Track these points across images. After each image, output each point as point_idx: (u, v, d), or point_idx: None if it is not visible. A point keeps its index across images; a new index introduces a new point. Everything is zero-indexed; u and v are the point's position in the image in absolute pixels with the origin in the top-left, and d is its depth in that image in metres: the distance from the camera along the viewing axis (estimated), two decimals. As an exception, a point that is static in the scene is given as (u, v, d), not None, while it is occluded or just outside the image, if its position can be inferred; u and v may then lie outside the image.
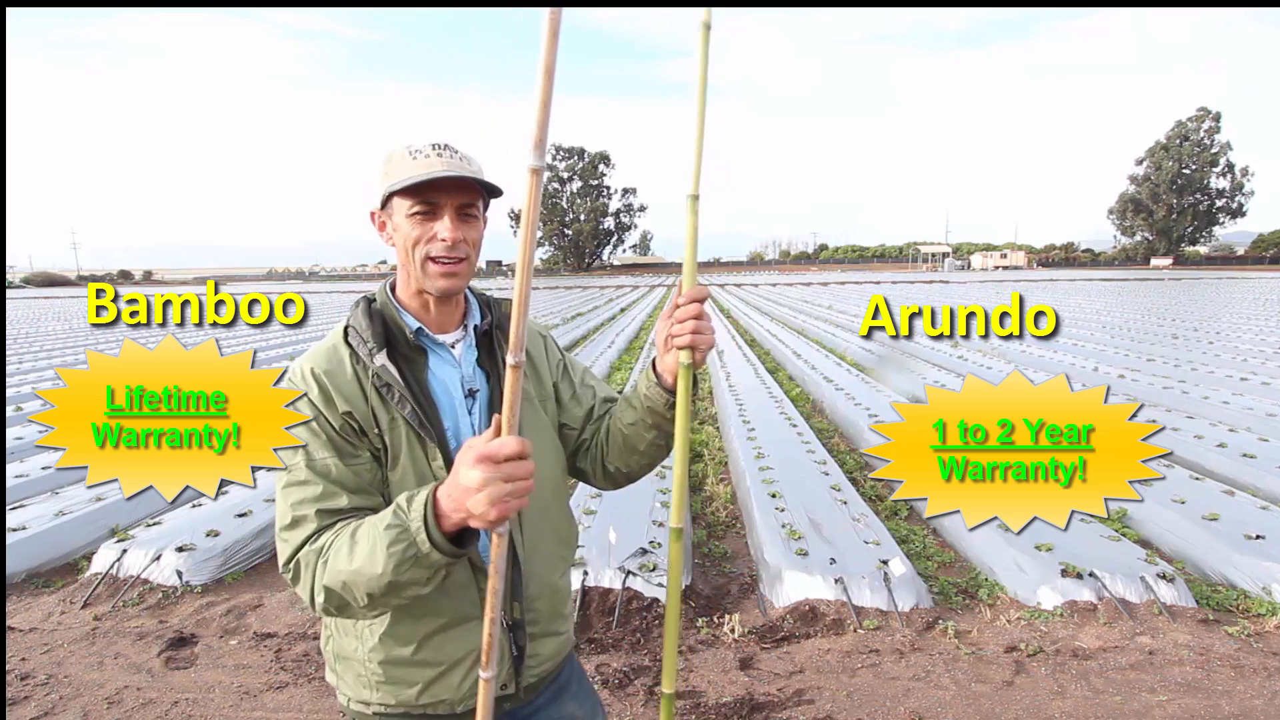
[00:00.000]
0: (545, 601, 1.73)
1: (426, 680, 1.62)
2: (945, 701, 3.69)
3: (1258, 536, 5.10)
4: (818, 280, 64.41)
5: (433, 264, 1.57)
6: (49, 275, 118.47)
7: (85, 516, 5.84)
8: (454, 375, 1.67)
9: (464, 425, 1.64)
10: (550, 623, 1.75)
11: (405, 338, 1.63)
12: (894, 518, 6.24)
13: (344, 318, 1.69)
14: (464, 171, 1.55)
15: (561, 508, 1.80)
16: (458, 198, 1.57)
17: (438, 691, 1.63)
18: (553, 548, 1.76)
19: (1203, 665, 3.93)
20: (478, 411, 1.66)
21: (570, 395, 1.86)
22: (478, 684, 1.53)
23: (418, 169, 1.53)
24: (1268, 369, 12.64)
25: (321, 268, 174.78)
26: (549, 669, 1.77)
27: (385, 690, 1.64)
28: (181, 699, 3.80)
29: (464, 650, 1.62)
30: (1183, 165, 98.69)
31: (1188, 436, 7.93)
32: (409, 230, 1.57)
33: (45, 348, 19.59)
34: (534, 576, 1.69)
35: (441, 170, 1.53)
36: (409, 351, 1.64)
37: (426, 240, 1.57)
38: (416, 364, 1.64)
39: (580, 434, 1.85)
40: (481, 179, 1.58)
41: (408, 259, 1.60)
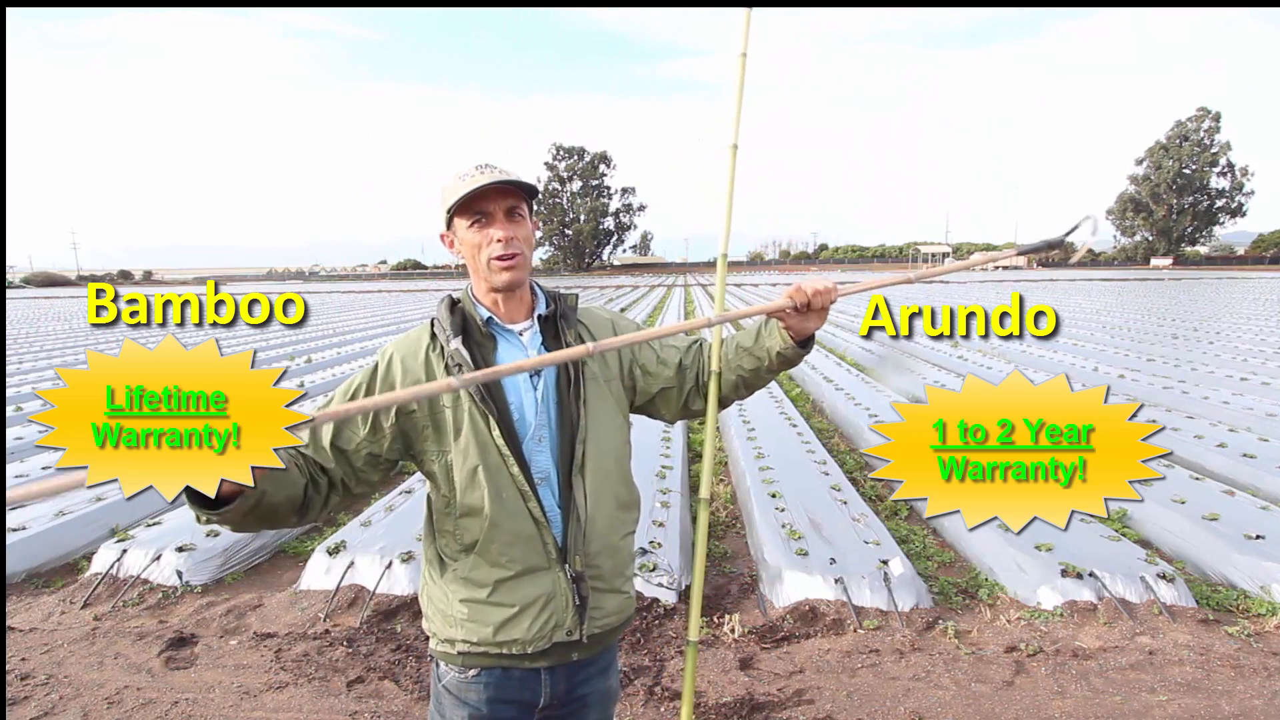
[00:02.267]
0: (607, 559, 1.93)
1: (500, 621, 1.85)
2: (945, 701, 3.69)
3: (1258, 536, 5.10)
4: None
5: (495, 262, 1.85)
6: (49, 275, 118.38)
7: (85, 516, 5.84)
8: (520, 358, 1.90)
9: (528, 401, 1.88)
10: (612, 580, 1.96)
11: (478, 326, 1.92)
12: (894, 517, 6.24)
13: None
14: (503, 178, 1.83)
15: (623, 474, 2.00)
16: (503, 203, 1.86)
17: (510, 631, 1.85)
18: (613, 510, 1.95)
19: (1203, 665, 3.93)
20: (541, 389, 1.90)
21: (656, 361, 2.09)
22: (546, 628, 1.86)
23: (465, 187, 1.81)
24: (1268, 369, 12.64)
25: (321, 268, 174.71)
26: (612, 623, 1.97)
27: (467, 628, 1.87)
28: (181, 699, 3.80)
29: (533, 596, 1.86)
30: (1183, 165, 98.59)
31: (1188, 436, 7.93)
32: (471, 239, 1.88)
33: (45, 348, 19.59)
34: (595, 535, 1.90)
35: (484, 181, 1.81)
36: (481, 338, 1.92)
37: (486, 244, 1.86)
38: (486, 348, 1.92)
39: (683, 384, 2.10)
40: (519, 180, 1.86)
41: (475, 263, 1.89)
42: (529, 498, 1.83)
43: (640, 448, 8.01)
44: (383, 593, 4.73)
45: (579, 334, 2.00)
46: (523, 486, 1.83)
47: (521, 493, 1.83)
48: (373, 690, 3.86)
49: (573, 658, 1.92)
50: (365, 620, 4.49)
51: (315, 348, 18.31)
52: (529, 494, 1.83)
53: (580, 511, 1.88)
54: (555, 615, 1.86)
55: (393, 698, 3.80)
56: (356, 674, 3.98)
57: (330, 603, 4.66)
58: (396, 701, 3.77)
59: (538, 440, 1.88)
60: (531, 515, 1.84)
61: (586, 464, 1.89)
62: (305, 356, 16.33)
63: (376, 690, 3.86)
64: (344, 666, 4.04)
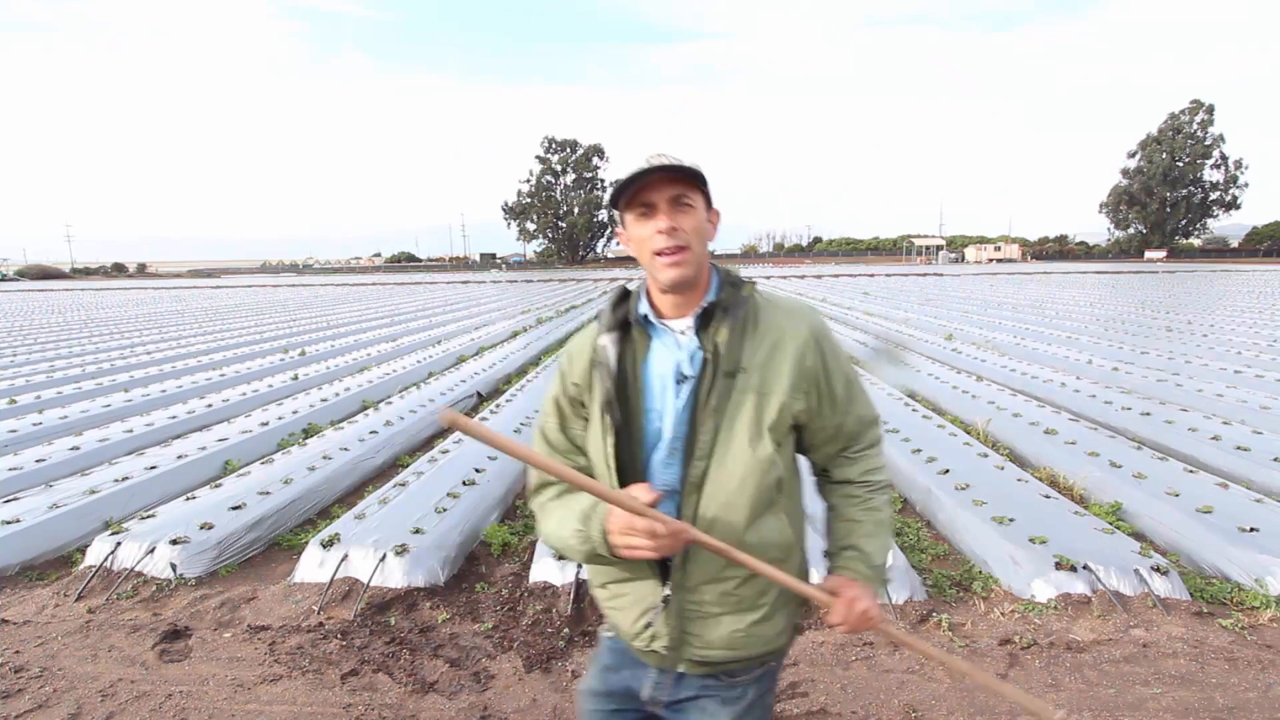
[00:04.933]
0: (711, 590, 1.77)
1: (613, 609, 1.89)
2: (939, 694, 3.70)
3: (1252, 529, 5.11)
4: (811, 273, 64.30)
5: (658, 257, 1.70)
6: (43, 268, 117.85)
7: (79, 509, 5.83)
8: (671, 360, 1.76)
9: (669, 408, 1.74)
10: (719, 611, 1.78)
11: (635, 322, 1.79)
12: (889, 510, 6.24)
13: None
14: (662, 162, 1.66)
15: (754, 506, 1.73)
16: (667, 191, 1.69)
17: (618, 618, 1.88)
18: (738, 543, 1.70)
19: (1196, 658, 3.94)
20: (685, 396, 1.73)
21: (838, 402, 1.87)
22: (645, 633, 1.81)
23: (625, 176, 1.70)
24: (1261, 361, 12.67)
25: (315, 260, 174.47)
26: (718, 656, 1.80)
27: (600, 605, 1.94)
28: (175, 692, 3.79)
29: (635, 598, 1.82)
30: (1175, 158, 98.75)
31: (1182, 429, 7.95)
32: (638, 233, 1.74)
33: (40, 340, 19.49)
34: (699, 563, 1.75)
35: (642, 165, 1.67)
36: (637, 335, 1.79)
37: (650, 237, 1.71)
38: (639, 346, 1.78)
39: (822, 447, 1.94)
40: (680, 165, 1.66)
41: (644, 261, 1.74)
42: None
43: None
44: (376, 585, 4.72)
45: (737, 335, 1.74)
46: None
47: None
48: (366, 683, 3.85)
49: (679, 669, 1.83)
50: (359, 613, 4.49)
51: (309, 340, 18.25)
52: None
53: None
54: (654, 626, 1.79)
55: (386, 690, 3.80)
56: (350, 667, 3.97)
57: (324, 595, 4.65)
58: (390, 694, 3.77)
59: (670, 453, 1.73)
60: None
61: (705, 485, 1.70)
62: (299, 349, 16.28)
63: (370, 683, 3.85)
64: (338, 659, 4.04)
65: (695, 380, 1.72)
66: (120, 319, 26.86)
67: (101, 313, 30.87)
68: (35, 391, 11.36)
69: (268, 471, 6.71)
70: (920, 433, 7.79)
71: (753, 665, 1.86)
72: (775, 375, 1.74)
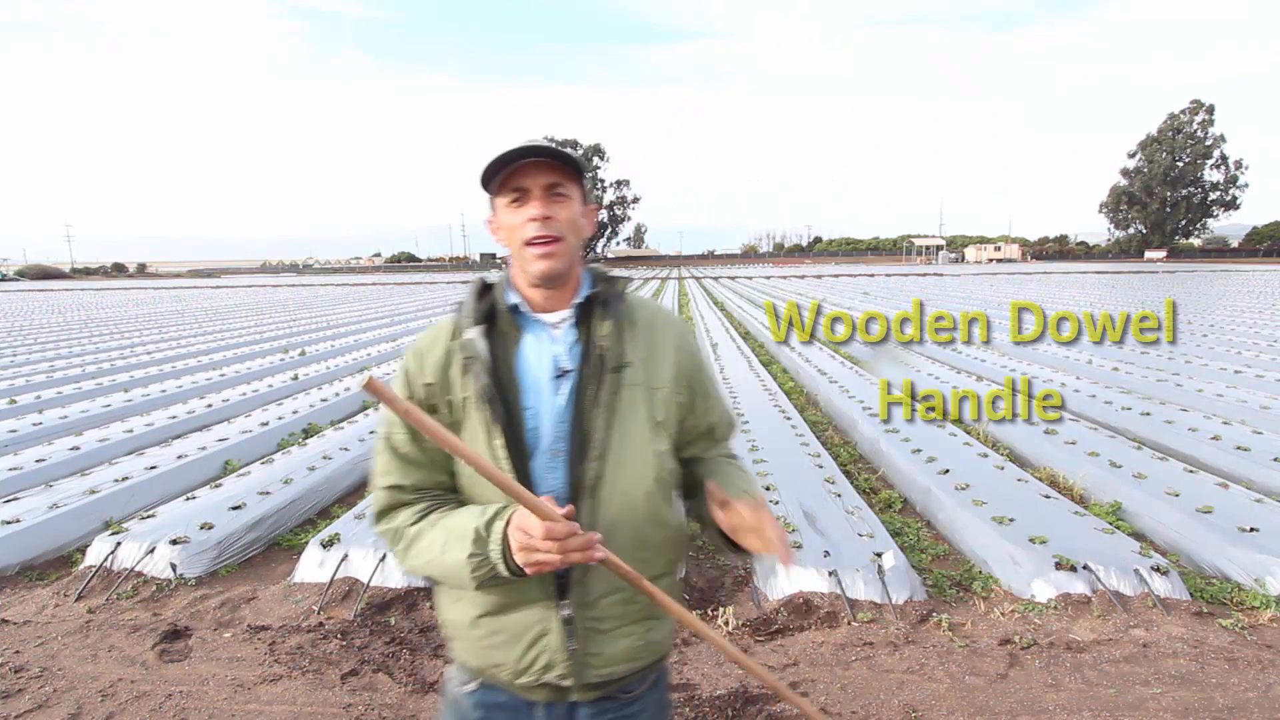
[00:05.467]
0: (614, 603, 1.66)
1: (490, 645, 1.66)
2: (939, 694, 3.70)
3: (1252, 529, 5.11)
4: (811, 273, 64.33)
5: (529, 247, 1.60)
6: (43, 268, 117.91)
7: (79, 509, 5.83)
8: (547, 354, 1.65)
9: (547, 406, 1.62)
10: (621, 624, 1.68)
11: (503, 314, 1.66)
12: (888, 510, 6.25)
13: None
14: (537, 144, 1.57)
15: (653, 508, 1.68)
16: (542, 178, 1.60)
17: (498, 658, 1.66)
18: (631, 548, 1.62)
19: (1196, 658, 3.94)
20: (565, 393, 1.62)
21: (706, 402, 1.82)
22: (536, 665, 1.63)
23: (498, 157, 1.58)
24: (1262, 361, 12.68)
25: (315, 260, 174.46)
26: (618, 673, 1.69)
27: (462, 644, 1.72)
28: (175, 692, 3.79)
29: (522, 628, 1.63)
30: (1175, 158, 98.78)
31: (1182, 429, 7.95)
32: (508, 220, 1.63)
33: (40, 340, 19.49)
34: (599, 572, 1.61)
35: (516, 147, 1.57)
36: (505, 327, 1.66)
37: (521, 225, 1.61)
38: (509, 339, 1.65)
39: (690, 446, 1.84)
40: (558, 151, 1.59)
41: (513, 250, 1.64)
42: None
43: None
44: (376, 585, 4.72)
45: (617, 330, 1.67)
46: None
47: None
48: (366, 683, 3.85)
49: (571, 698, 1.69)
50: (359, 613, 4.49)
51: (309, 340, 18.26)
52: None
53: None
54: (547, 654, 1.63)
55: (386, 690, 3.80)
56: (350, 667, 3.97)
57: (324, 595, 4.65)
58: (390, 694, 3.76)
59: (553, 455, 1.61)
60: None
61: (601, 489, 1.60)
62: (299, 349, 16.28)
63: (370, 683, 3.85)
64: (338, 659, 4.04)
65: (577, 376, 1.63)
66: (120, 319, 26.87)
67: (101, 313, 30.88)
68: (35, 391, 11.37)
69: (268, 471, 6.71)
70: (920, 432, 7.79)
71: (648, 674, 1.79)
72: (659, 370, 1.71)
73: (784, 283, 46.65)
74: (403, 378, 1.68)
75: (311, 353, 15.78)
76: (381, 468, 1.68)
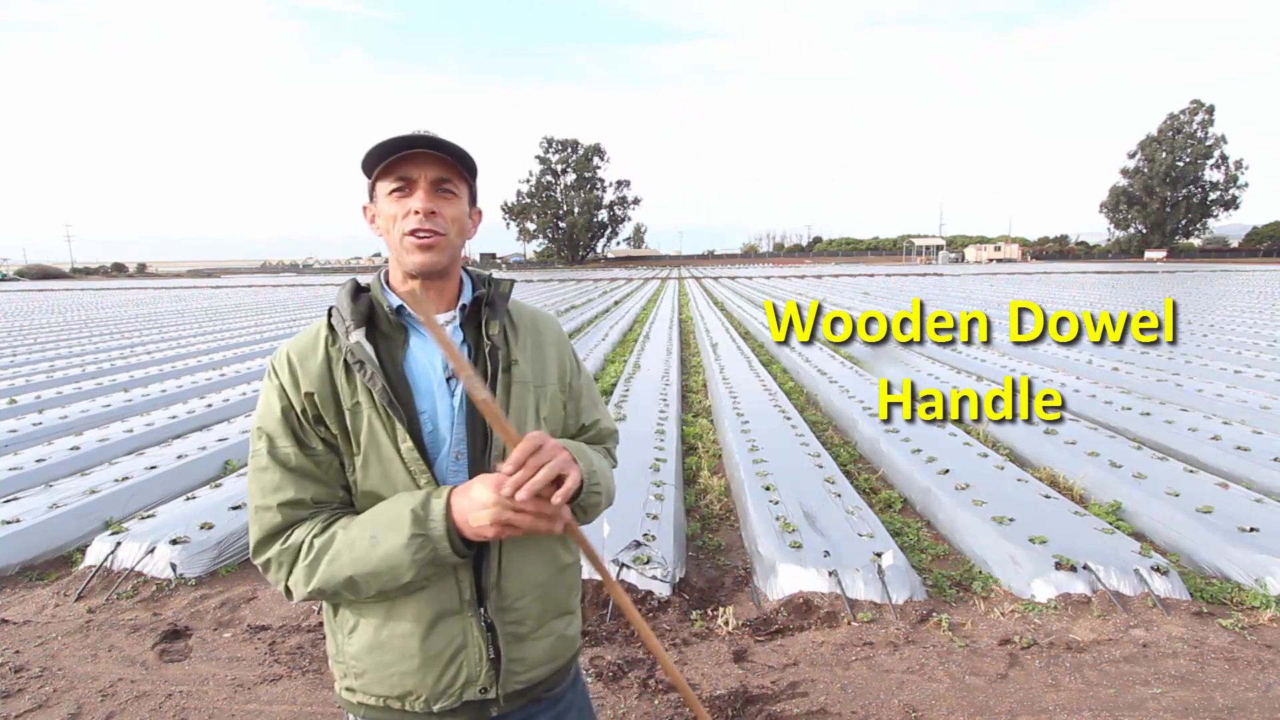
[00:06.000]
0: (534, 601, 1.64)
1: (400, 673, 1.58)
2: (939, 694, 3.69)
3: (1252, 529, 5.11)
4: (811, 273, 64.32)
5: (408, 238, 1.52)
6: (43, 268, 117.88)
7: (79, 509, 5.83)
8: (436, 356, 1.59)
9: (442, 408, 1.57)
10: (541, 623, 1.66)
11: (387, 316, 1.58)
12: (888, 510, 6.25)
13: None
14: (430, 134, 1.52)
15: None
16: (432, 171, 1.54)
17: (412, 687, 1.58)
18: (544, 544, 1.65)
19: (1196, 658, 3.94)
20: (459, 394, 1.57)
21: (581, 399, 1.82)
22: (455, 685, 1.57)
23: (386, 141, 1.52)
24: (1262, 361, 12.68)
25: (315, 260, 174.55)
26: (540, 675, 1.67)
27: (365, 680, 1.61)
28: (175, 691, 3.79)
29: (438, 647, 1.56)
30: (1175, 158, 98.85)
31: (1182, 429, 7.95)
32: (388, 209, 1.55)
33: (39, 340, 19.49)
34: (514, 573, 1.60)
35: (407, 133, 1.51)
36: (389, 330, 1.59)
37: (403, 216, 1.53)
38: (395, 342, 1.58)
39: None
40: (452, 146, 1.54)
41: (391, 240, 1.57)
42: None
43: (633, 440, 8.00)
44: (377, 586, 4.72)
45: (504, 329, 1.66)
46: None
47: None
48: (367, 683, 3.85)
49: (491, 713, 1.63)
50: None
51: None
52: None
53: (495, 545, 1.58)
54: (467, 669, 1.57)
55: (387, 691, 3.79)
56: (351, 667, 3.96)
57: (324, 596, 4.64)
58: (391, 694, 3.76)
59: (454, 458, 1.56)
60: None
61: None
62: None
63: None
64: (338, 659, 4.03)
65: None
66: (120, 319, 26.86)
67: (101, 313, 30.87)
68: (35, 391, 11.37)
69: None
70: (920, 432, 7.79)
71: (567, 668, 1.77)
72: (543, 369, 1.71)
73: (784, 283, 46.65)
74: (276, 391, 1.56)
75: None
76: (269, 485, 1.54)
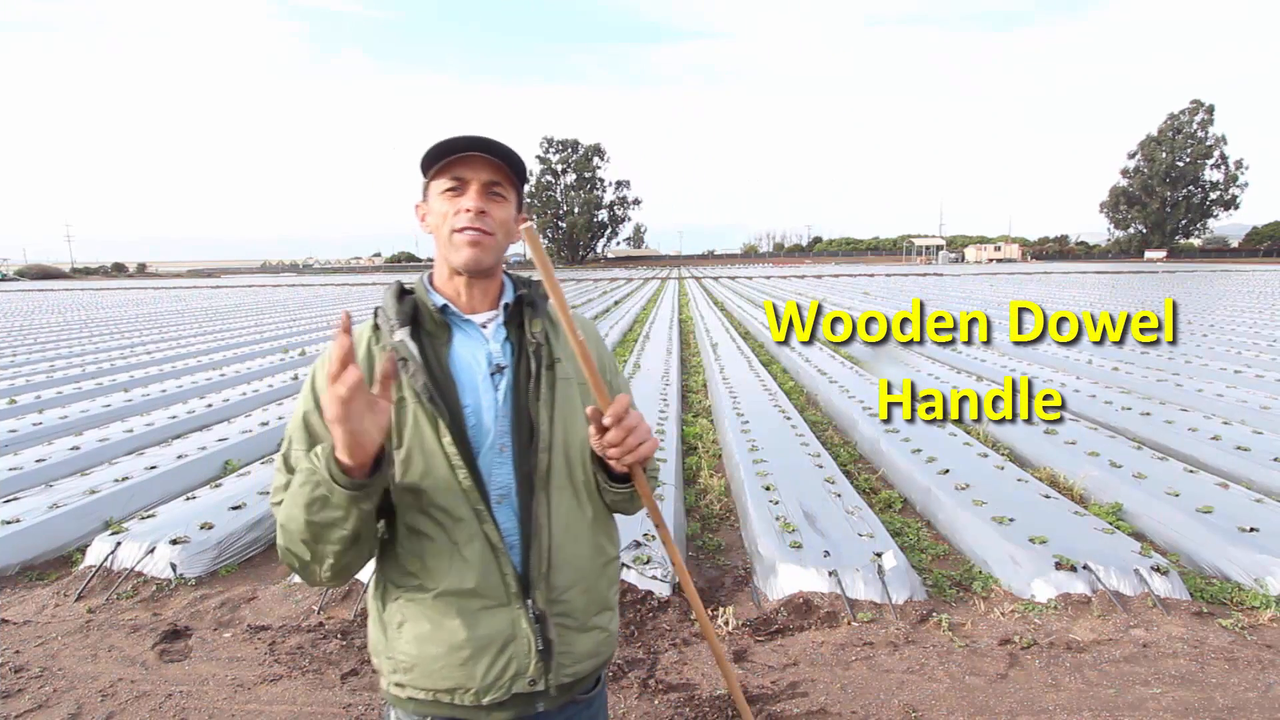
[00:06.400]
0: (579, 594, 1.66)
1: (449, 666, 1.58)
2: (939, 694, 3.69)
3: (1252, 529, 5.11)
4: (811, 273, 64.32)
5: (458, 234, 1.58)
6: (43, 268, 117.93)
7: (79, 509, 5.83)
8: (480, 351, 1.64)
9: (486, 401, 1.61)
10: (587, 616, 1.68)
11: (431, 315, 1.64)
12: (888, 510, 6.25)
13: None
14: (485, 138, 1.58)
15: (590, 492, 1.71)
16: (484, 174, 1.59)
17: (461, 679, 1.58)
18: (589, 534, 1.69)
19: (1197, 658, 3.94)
20: (504, 388, 1.62)
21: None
22: (504, 676, 1.58)
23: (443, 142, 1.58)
24: (1261, 361, 12.68)
25: (315, 260, 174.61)
26: (584, 669, 1.69)
27: (413, 674, 1.61)
28: (175, 691, 3.79)
29: (487, 637, 1.58)
30: (1175, 158, 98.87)
31: (1182, 429, 7.95)
32: (440, 208, 1.61)
33: (39, 340, 19.49)
34: (564, 564, 1.63)
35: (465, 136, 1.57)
36: (433, 328, 1.64)
37: (454, 214, 1.59)
38: (439, 340, 1.63)
39: None
40: (506, 150, 1.60)
41: (440, 237, 1.63)
42: (483, 518, 1.56)
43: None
44: (377, 586, 4.72)
45: (545, 328, 1.71)
46: (476, 504, 1.55)
47: (476, 512, 1.56)
48: (367, 683, 3.85)
49: (538, 708, 1.64)
50: (359, 613, 4.48)
51: (309, 340, 18.26)
52: (483, 513, 1.56)
53: (545, 536, 1.61)
54: (516, 661, 1.59)
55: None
56: (350, 666, 3.97)
57: (324, 595, 4.65)
58: (391, 694, 3.76)
59: (499, 450, 1.60)
60: (486, 538, 1.57)
61: (553, 479, 1.62)
62: (299, 349, 16.28)
63: (370, 683, 3.85)
64: (338, 659, 4.04)
65: (512, 372, 1.64)
66: (120, 319, 26.86)
67: (101, 313, 30.87)
68: (35, 391, 11.37)
69: (268, 471, 6.70)
70: (920, 432, 7.79)
71: (602, 667, 1.78)
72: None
73: (784, 283, 46.65)
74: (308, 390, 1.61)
75: (312, 353, 15.78)
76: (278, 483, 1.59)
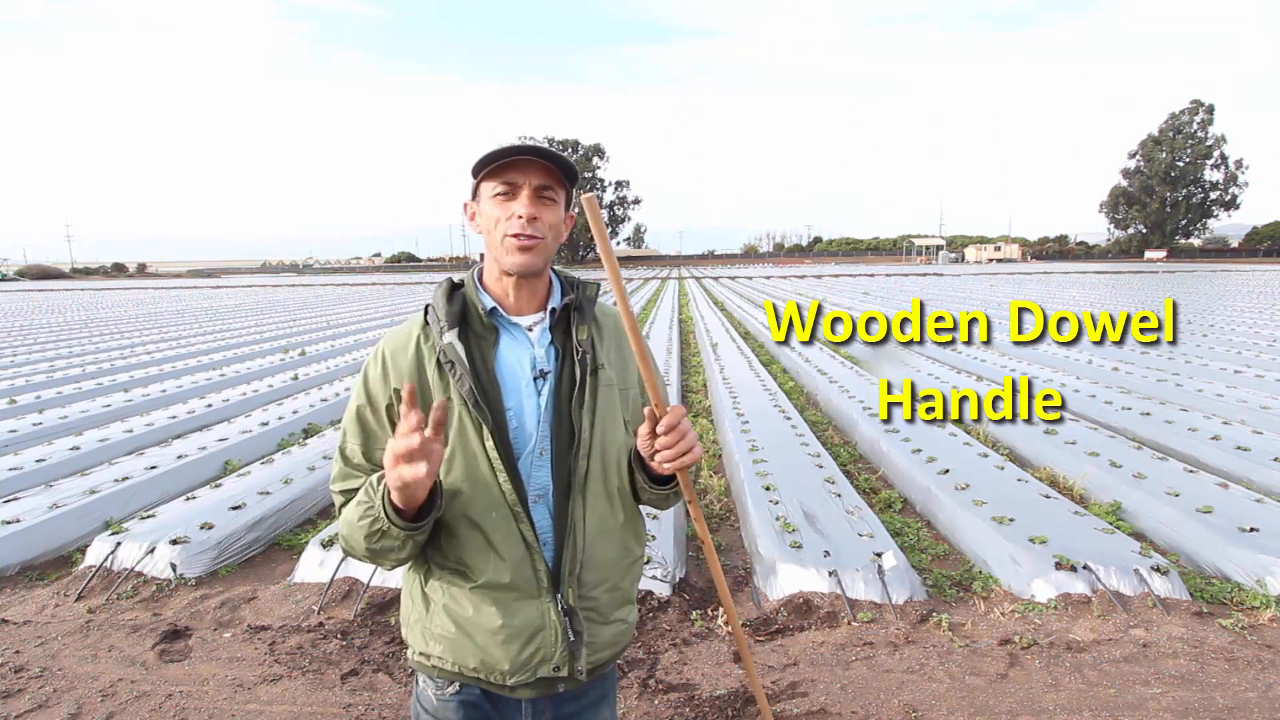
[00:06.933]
0: (605, 591, 1.74)
1: (481, 646, 1.66)
2: (939, 694, 3.69)
3: (1252, 529, 5.11)
4: (811, 273, 64.33)
5: (510, 239, 1.61)
6: (43, 268, 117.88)
7: (79, 509, 5.82)
8: (525, 356, 1.68)
9: (529, 406, 1.65)
10: (611, 611, 1.76)
11: (480, 317, 1.67)
12: (888, 510, 6.25)
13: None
14: (538, 144, 1.61)
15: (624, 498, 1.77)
16: (535, 178, 1.62)
17: (491, 660, 1.66)
18: (619, 537, 1.76)
19: (1197, 658, 3.94)
20: (546, 393, 1.66)
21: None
22: (532, 661, 1.66)
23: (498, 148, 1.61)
24: (1261, 361, 12.69)
25: (315, 260, 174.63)
26: (605, 657, 1.77)
27: (444, 645, 1.69)
28: (175, 691, 3.79)
29: (518, 626, 1.65)
30: (1175, 158, 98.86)
31: (1182, 429, 7.95)
32: (491, 211, 1.64)
33: (39, 340, 19.49)
34: (594, 564, 1.70)
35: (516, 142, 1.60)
36: (481, 330, 1.67)
37: (506, 219, 1.62)
38: (486, 342, 1.67)
39: None
40: (558, 156, 1.63)
41: (490, 240, 1.66)
42: (520, 518, 1.62)
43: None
44: (376, 585, 4.72)
45: (591, 333, 1.73)
46: (514, 506, 1.62)
47: (513, 512, 1.62)
48: (367, 683, 3.85)
49: (559, 689, 1.73)
50: (359, 613, 4.49)
51: (309, 340, 18.26)
52: (520, 514, 1.62)
53: (578, 536, 1.67)
54: (543, 649, 1.67)
55: (387, 690, 3.79)
56: (350, 667, 3.97)
57: (324, 595, 4.65)
58: (390, 694, 3.76)
59: (539, 454, 1.65)
60: (522, 537, 1.63)
61: (589, 483, 1.68)
62: (299, 349, 16.28)
63: (370, 683, 3.85)
64: (338, 659, 4.04)
65: (555, 377, 1.68)
66: (120, 319, 26.86)
67: (101, 313, 30.88)
68: (35, 391, 11.36)
69: (268, 471, 6.71)
70: (920, 432, 7.79)
71: (620, 654, 1.86)
72: (624, 372, 1.78)
73: (784, 283, 46.64)
74: (361, 385, 1.70)
75: (311, 353, 15.78)
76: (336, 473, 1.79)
